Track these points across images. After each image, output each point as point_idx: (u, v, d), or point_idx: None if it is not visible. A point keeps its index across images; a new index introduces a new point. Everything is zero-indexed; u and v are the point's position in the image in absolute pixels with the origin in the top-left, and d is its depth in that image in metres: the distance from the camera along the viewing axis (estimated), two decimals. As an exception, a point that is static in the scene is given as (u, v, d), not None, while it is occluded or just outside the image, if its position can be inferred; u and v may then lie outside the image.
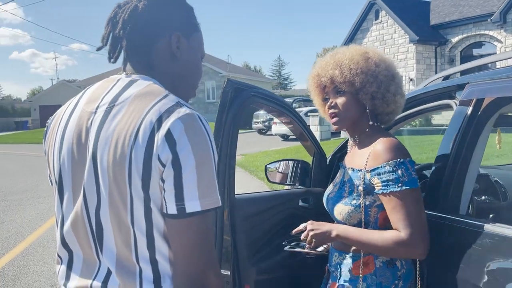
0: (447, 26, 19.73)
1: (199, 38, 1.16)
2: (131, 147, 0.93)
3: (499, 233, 1.27)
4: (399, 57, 20.07)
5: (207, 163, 0.93)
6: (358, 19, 21.68)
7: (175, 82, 1.10)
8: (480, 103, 1.48)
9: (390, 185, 1.36)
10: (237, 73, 36.79)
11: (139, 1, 1.07)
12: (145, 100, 0.98)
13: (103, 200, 0.98)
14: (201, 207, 0.92)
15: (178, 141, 0.91)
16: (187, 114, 0.94)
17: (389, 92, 1.47)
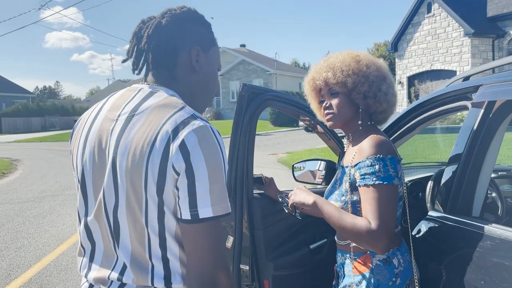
0: (506, 17, 18.65)
1: (216, 51, 1.25)
2: (148, 155, 1.01)
3: (506, 237, 1.26)
4: (453, 51, 19.25)
5: (218, 173, 1.02)
6: (409, 13, 20.98)
7: (194, 92, 1.20)
8: (492, 105, 1.47)
9: (366, 178, 1.41)
10: (284, 71, 36.78)
11: (162, 17, 1.17)
12: (162, 111, 1.06)
13: (121, 201, 1.08)
14: (213, 213, 1.00)
15: (192, 151, 0.99)
16: (201, 126, 1.02)
17: (381, 91, 1.53)
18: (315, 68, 1.64)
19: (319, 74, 1.60)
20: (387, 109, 1.57)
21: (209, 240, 1.02)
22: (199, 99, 1.23)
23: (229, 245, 1.92)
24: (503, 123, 1.47)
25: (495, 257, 1.28)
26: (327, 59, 1.61)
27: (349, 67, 1.53)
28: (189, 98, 1.17)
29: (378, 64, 1.58)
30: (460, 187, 1.49)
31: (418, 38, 20.85)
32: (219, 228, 1.04)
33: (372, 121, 1.59)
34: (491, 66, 1.79)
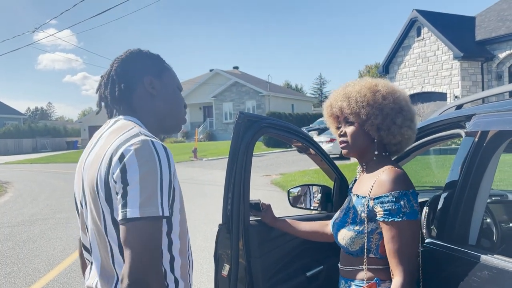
0: (494, 41, 19.06)
1: (169, 75, 1.40)
2: (98, 170, 1.17)
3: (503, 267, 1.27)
4: (443, 74, 19.56)
5: (151, 179, 1.11)
6: (400, 36, 21.39)
7: (160, 115, 1.36)
8: (485, 134, 1.49)
9: (392, 214, 1.41)
10: (277, 92, 37.07)
11: (112, 66, 1.35)
12: (115, 133, 1.23)
13: (88, 214, 1.24)
14: (139, 214, 1.08)
15: (127, 160, 1.12)
16: (141, 140, 1.15)
17: (395, 124, 1.52)
18: (334, 95, 1.66)
19: (335, 101, 1.62)
20: (402, 141, 1.56)
21: (137, 241, 1.07)
22: (168, 119, 1.38)
23: (225, 273, 1.90)
24: (497, 151, 1.50)
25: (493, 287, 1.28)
26: (346, 87, 1.63)
27: (364, 98, 1.53)
28: (157, 122, 1.35)
29: (396, 95, 1.56)
30: (456, 214, 1.51)
31: (408, 61, 21.20)
32: (149, 231, 1.09)
33: (386, 151, 1.59)
34: (482, 95, 1.82)
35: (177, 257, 1.24)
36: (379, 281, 1.47)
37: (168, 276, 1.21)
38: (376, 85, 1.58)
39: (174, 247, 1.23)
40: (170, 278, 1.22)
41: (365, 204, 1.50)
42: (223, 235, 1.88)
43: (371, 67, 58.77)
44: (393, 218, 1.40)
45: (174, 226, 1.23)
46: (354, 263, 1.55)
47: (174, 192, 1.20)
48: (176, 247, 1.24)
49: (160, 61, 1.40)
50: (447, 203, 1.54)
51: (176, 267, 1.24)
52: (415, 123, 1.59)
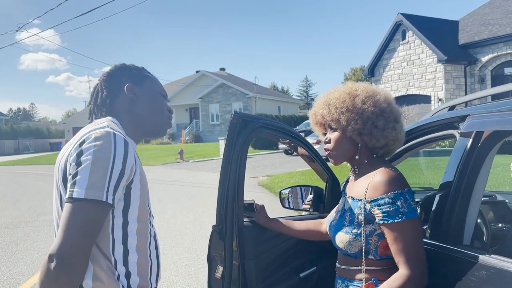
0: (477, 45, 19.41)
1: (151, 82, 1.50)
2: (64, 154, 1.27)
3: (501, 267, 1.27)
4: (427, 77, 19.83)
5: (102, 165, 1.17)
6: (385, 39, 21.62)
7: (140, 120, 1.45)
8: (480, 135, 1.51)
9: (390, 216, 1.40)
10: (264, 94, 37.12)
11: (100, 80, 1.48)
12: (88, 127, 1.32)
13: (53, 198, 1.33)
14: (84, 195, 1.14)
15: (85, 145, 1.20)
16: (104, 130, 1.24)
17: (377, 128, 1.51)
18: (317, 103, 1.66)
19: (318, 109, 1.63)
20: (387, 143, 1.54)
21: (73, 220, 1.12)
22: (149, 123, 1.47)
23: (219, 275, 1.88)
24: (491, 151, 1.51)
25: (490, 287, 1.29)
26: (327, 95, 1.63)
27: (344, 104, 1.53)
28: (139, 125, 1.45)
29: (376, 98, 1.54)
30: (451, 215, 1.51)
31: (393, 63, 21.44)
32: (88, 213, 1.14)
33: (376, 154, 1.58)
34: (475, 97, 1.84)
35: (132, 252, 1.28)
36: (376, 281, 1.47)
37: (118, 267, 1.25)
38: (356, 89, 1.57)
39: (130, 242, 1.28)
40: (121, 269, 1.26)
41: (361, 207, 1.49)
42: (217, 237, 1.86)
43: (356, 69, 59.31)
44: (393, 219, 1.39)
45: (131, 221, 1.28)
46: (352, 264, 1.55)
47: (131, 187, 1.26)
48: (132, 242, 1.28)
49: (142, 72, 1.51)
50: (442, 204, 1.55)
51: (131, 262, 1.28)
52: (401, 123, 1.57)
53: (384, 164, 1.54)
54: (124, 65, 1.51)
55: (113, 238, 1.24)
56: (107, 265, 1.23)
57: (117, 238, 1.25)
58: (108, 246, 1.24)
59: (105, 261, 1.23)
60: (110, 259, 1.24)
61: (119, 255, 1.25)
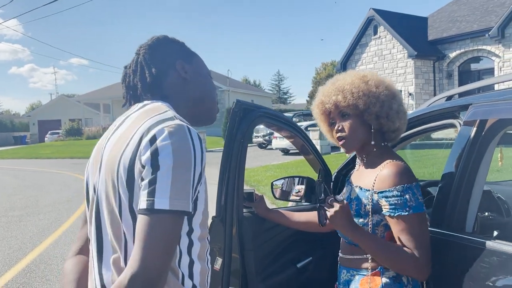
0: (445, 41, 19.94)
1: (199, 60, 1.32)
2: (123, 151, 1.05)
3: (505, 251, 1.30)
4: (398, 71, 20.24)
5: (185, 169, 0.99)
6: (357, 34, 21.90)
7: (193, 103, 1.25)
8: (483, 124, 1.52)
9: (398, 209, 1.41)
10: (236, 88, 37.00)
11: (138, 53, 1.26)
12: (146, 114, 1.11)
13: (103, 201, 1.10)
14: (169, 206, 0.96)
15: (160, 144, 0.99)
16: (176, 123, 1.03)
17: (392, 110, 1.53)
18: (323, 91, 1.62)
19: (328, 97, 1.58)
20: (399, 127, 1.57)
21: (158, 235, 0.95)
22: (202, 106, 1.28)
23: (218, 267, 1.84)
24: (493, 141, 1.53)
25: (498, 271, 1.31)
26: (335, 82, 1.60)
27: (359, 89, 1.52)
28: (191, 109, 1.25)
29: (387, 83, 1.57)
30: (455, 203, 1.53)
31: (365, 58, 21.76)
32: (173, 226, 0.98)
33: (385, 141, 1.59)
34: (473, 87, 1.86)
35: (196, 261, 1.12)
36: (383, 269, 1.47)
37: (185, 281, 1.08)
38: (365, 75, 1.57)
39: (194, 250, 1.11)
40: (188, 284, 1.08)
41: (369, 197, 1.49)
42: (216, 228, 1.83)
43: (327, 64, 59.92)
44: (400, 212, 1.40)
45: (195, 228, 1.11)
46: (357, 253, 1.54)
47: (198, 190, 1.07)
48: (195, 250, 1.12)
49: (187, 47, 1.32)
50: (446, 191, 1.56)
51: (196, 273, 1.11)
52: (406, 109, 1.62)
53: (393, 155, 1.54)
54: (168, 37, 1.29)
55: (180, 249, 1.08)
56: (174, 282, 1.06)
57: (183, 248, 1.09)
58: (176, 258, 1.07)
59: (172, 277, 1.06)
60: (177, 273, 1.07)
61: (185, 267, 1.09)
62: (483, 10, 19.62)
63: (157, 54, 1.24)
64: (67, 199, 9.94)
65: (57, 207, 8.94)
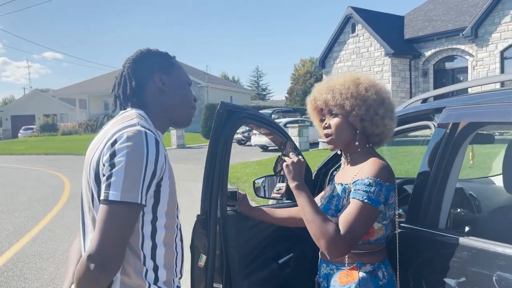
0: (421, 40, 20.34)
1: (178, 71, 1.48)
2: (95, 152, 1.27)
3: (475, 246, 1.39)
4: (375, 69, 20.56)
5: (136, 167, 1.18)
6: (335, 32, 22.11)
7: (169, 110, 1.43)
8: (456, 126, 1.61)
9: (358, 192, 1.48)
10: (215, 84, 36.84)
11: (124, 66, 1.44)
12: (117, 121, 1.32)
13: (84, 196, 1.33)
14: (120, 198, 1.16)
15: (118, 146, 1.20)
16: (135, 129, 1.24)
17: (378, 115, 1.58)
18: (317, 88, 1.69)
19: (320, 94, 1.66)
20: (384, 132, 1.62)
21: (109, 222, 1.16)
22: (178, 113, 1.45)
23: (202, 264, 1.89)
24: (465, 142, 1.62)
25: (470, 265, 1.40)
26: (329, 81, 1.67)
27: (348, 90, 1.59)
28: (167, 116, 1.43)
29: (378, 88, 1.62)
30: (429, 201, 1.61)
31: (344, 56, 22.01)
32: (123, 216, 1.17)
33: (370, 143, 1.65)
34: (446, 90, 1.96)
35: (160, 246, 1.30)
36: (360, 264, 1.55)
37: (147, 262, 1.28)
38: (359, 78, 1.63)
39: (158, 236, 1.30)
40: (149, 264, 1.28)
41: (347, 191, 1.56)
42: (200, 226, 1.87)
43: (305, 61, 60.22)
44: (356, 195, 1.47)
45: (159, 216, 1.30)
46: None
47: (160, 184, 1.28)
48: (160, 236, 1.30)
49: (168, 58, 1.47)
50: (421, 190, 1.65)
51: (159, 255, 1.30)
52: (395, 115, 1.66)
53: (376, 155, 1.61)
54: (150, 51, 1.47)
55: (142, 234, 1.27)
56: (135, 262, 1.26)
57: (146, 233, 1.28)
58: (138, 242, 1.27)
59: (133, 257, 1.26)
60: (139, 255, 1.27)
61: (147, 249, 1.28)
62: (458, 10, 20.10)
63: (138, 67, 1.42)
64: (43, 196, 9.78)
65: (33, 204, 8.79)
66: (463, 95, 1.73)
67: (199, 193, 1.85)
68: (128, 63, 1.43)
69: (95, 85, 40.93)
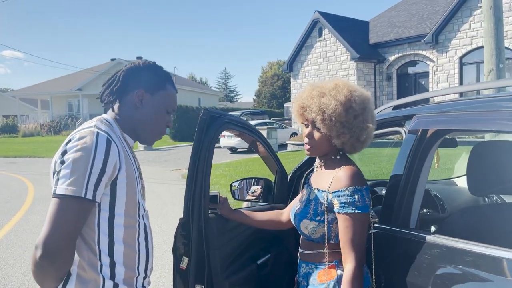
0: (385, 45, 20.95)
1: (164, 95, 1.51)
2: (56, 153, 1.34)
3: (445, 244, 1.51)
4: (342, 73, 21.01)
5: (82, 163, 1.26)
6: (303, 36, 22.45)
7: (136, 126, 1.49)
8: (425, 132, 1.74)
9: (346, 207, 1.58)
10: (184, 85, 36.58)
11: (124, 68, 1.51)
12: (82, 125, 1.41)
13: None
14: (64, 192, 1.24)
15: (70, 144, 1.30)
16: (88, 130, 1.33)
17: (359, 141, 1.67)
18: (308, 97, 1.69)
19: (309, 109, 1.66)
20: (360, 148, 1.71)
21: (55, 215, 1.23)
22: (141, 132, 1.51)
23: (184, 266, 1.93)
24: (433, 147, 1.75)
25: (440, 262, 1.51)
26: (321, 95, 1.66)
27: (339, 118, 1.61)
28: (132, 129, 1.49)
29: (365, 114, 1.65)
30: (401, 202, 1.73)
31: (311, 59, 22.38)
32: (68, 208, 1.24)
33: (345, 152, 1.73)
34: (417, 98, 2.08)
35: (118, 243, 1.37)
36: (337, 263, 1.65)
37: (102, 257, 1.35)
38: (350, 100, 1.63)
39: (116, 234, 1.37)
40: (105, 259, 1.35)
41: (325, 197, 1.66)
42: (182, 229, 1.91)
43: (273, 63, 60.64)
44: (347, 210, 1.58)
45: (117, 214, 1.37)
46: (315, 248, 1.70)
47: (116, 183, 1.34)
48: (118, 234, 1.37)
49: (163, 80, 1.52)
50: (394, 192, 1.76)
51: (117, 252, 1.37)
52: (373, 136, 1.72)
53: (349, 161, 1.72)
54: (150, 66, 1.52)
55: (98, 230, 1.34)
56: (89, 256, 1.33)
57: (102, 230, 1.35)
58: (94, 237, 1.34)
59: (87, 251, 1.34)
60: (94, 250, 1.34)
61: (104, 246, 1.35)
62: (419, 17, 20.84)
63: (129, 75, 1.48)
64: (5, 200, 9.45)
65: (-5, 209, 8.49)
66: (431, 103, 1.85)
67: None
68: (126, 67, 1.51)
69: (58, 85, 39.80)
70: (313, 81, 21.79)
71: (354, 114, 1.63)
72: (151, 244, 1.50)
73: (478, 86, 1.75)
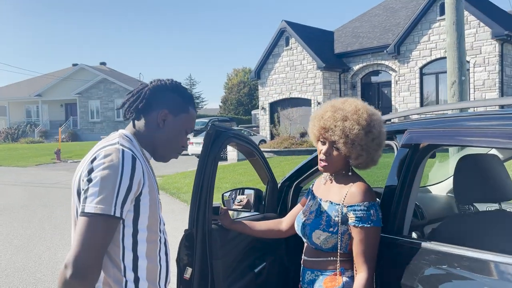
0: (349, 55, 21.56)
1: (186, 118, 1.55)
2: (79, 171, 1.38)
3: (440, 250, 1.64)
4: (308, 82, 21.42)
5: (111, 181, 1.29)
6: (270, 44, 22.74)
7: (155, 144, 1.52)
8: (417, 146, 1.88)
9: (362, 221, 1.70)
10: (149, 92, 36.01)
11: (150, 85, 1.54)
12: (103, 141, 1.44)
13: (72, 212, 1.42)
14: (94, 210, 1.26)
15: (96, 162, 1.32)
16: (113, 147, 1.35)
17: (373, 160, 1.80)
18: (330, 118, 1.76)
19: (331, 131, 1.75)
20: (372, 165, 1.83)
21: (85, 233, 1.25)
22: (161, 150, 1.54)
23: (188, 276, 1.98)
24: (424, 159, 1.89)
25: (434, 266, 1.64)
26: (345, 119, 1.74)
27: (360, 141, 1.72)
28: (150, 146, 1.52)
29: (381, 137, 1.78)
30: (396, 211, 1.86)
31: (278, 68, 22.69)
32: (98, 227, 1.26)
33: None
34: (405, 114, 2.23)
35: (142, 258, 1.39)
36: (343, 270, 1.76)
37: (127, 273, 1.36)
38: (370, 124, 1.74)
39: (140, 249, 1.39)
40: (130, 275, 1.37)
41: (339, 210, 1.77)
42: (186, 240, 1.97)
43: (238, 70, 60.88)
44: (363, 224, 1.70)
45: (140, 230, 1.39)
46: (322, 256, 1.80)
47: (139, 199, 1.37)
48: (141, 249, 1.40)
49: (187, 102, 1.56)
50: (389, 202, 1.89)
51: (141, 268, 1.39)
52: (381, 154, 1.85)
53: (359, 177, 1.84)
54: (175, 87, 1.55)
55: (123, 246, 1.36)
56: (114, 272, 1.35)
57: (127, 246, 1.37)
58: (118, 253, 1.36)
59: (112, 268, 1.35)
60: (119, 266, 1.36)
61: (128, 261, 1.37)
62: (382, 28, 21.60)
63: (155, 94, 1.51)
64: (-34, 212, 9.04)
65: (-44, 221, 8.11)
66: (421, 119, 2.01)
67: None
68: (153, 85, 1.53)
69: (16, 90, 38.39)
70: (280, 89, 22.07)
71: (373, 137, 1.76)
72: (169, 257, 1.53)
73: (483, 103, 1.89)
